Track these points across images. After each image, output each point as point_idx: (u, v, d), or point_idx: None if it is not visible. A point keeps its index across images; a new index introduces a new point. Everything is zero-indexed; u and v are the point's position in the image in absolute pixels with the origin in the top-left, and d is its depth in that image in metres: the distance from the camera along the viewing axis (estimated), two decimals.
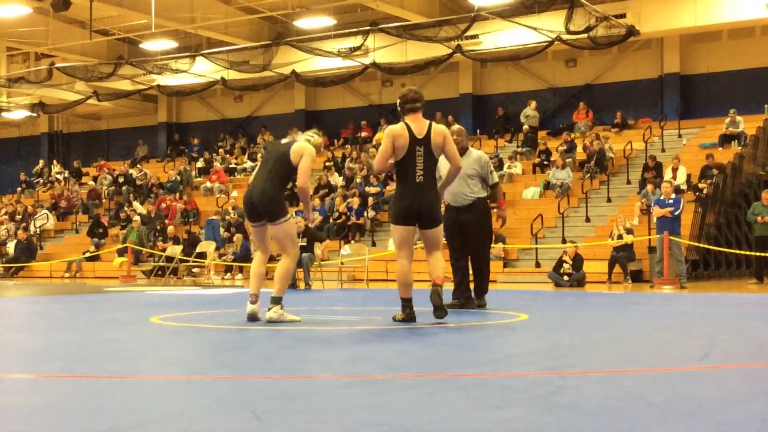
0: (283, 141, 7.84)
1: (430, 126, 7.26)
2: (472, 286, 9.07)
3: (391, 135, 7.19)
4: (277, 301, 7.46)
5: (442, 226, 7.50)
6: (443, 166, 7.88)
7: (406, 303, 7.27)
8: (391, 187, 22.74)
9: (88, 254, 23.54)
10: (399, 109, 7.36)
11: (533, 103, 25.42)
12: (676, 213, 15.40)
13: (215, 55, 23.79)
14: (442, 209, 8.42)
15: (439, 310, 7.23)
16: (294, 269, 7.61)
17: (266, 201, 7.53)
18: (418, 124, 7.22)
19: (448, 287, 8.47)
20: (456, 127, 9.28)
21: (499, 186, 9.46)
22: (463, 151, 8.62)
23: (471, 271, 9.06)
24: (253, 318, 7.46)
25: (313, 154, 7.61)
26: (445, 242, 7.96)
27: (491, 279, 9.56)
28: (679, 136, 23.09)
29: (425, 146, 7.16)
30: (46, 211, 27.35)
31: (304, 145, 7.61)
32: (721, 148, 21.24)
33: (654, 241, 16.11)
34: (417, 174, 7.16)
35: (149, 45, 26.27)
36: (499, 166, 22.71)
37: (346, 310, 8.02)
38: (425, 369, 4.86)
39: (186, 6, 24.10)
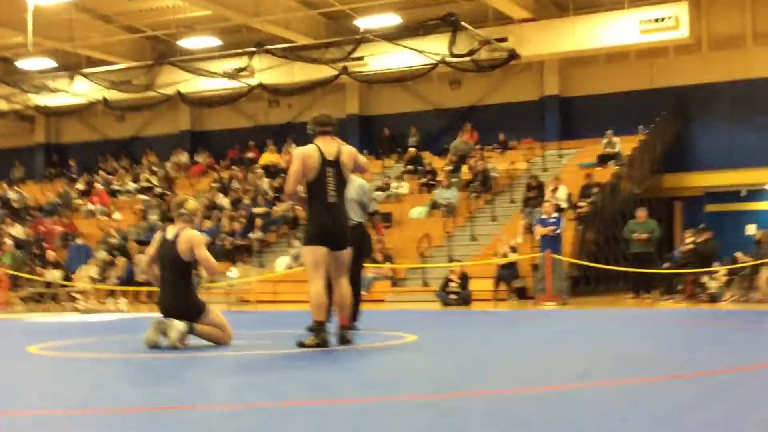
0: (168, 231, 7.69)
1: (339, 147, 7.32)
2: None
3: (301, 156, 7.20)
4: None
5: (350, 249, 7.51)
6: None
7: (321, 327, 7.19)
8: (279, 207, 22.60)
9: None
10: (310, 131, 7.36)
11: (413, 129, 25.97)
12: (557, 231, 15.86)
13: (96, 74, 23.20)
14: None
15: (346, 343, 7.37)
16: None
17: (182, 310, 7.54)
18: (328, 145, 7.26)
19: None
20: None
21: (377, 214, 9.64)
22: None
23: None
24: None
25: (200, 241, 7.70)
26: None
27: (380, 299, 9.59)
28: (560, 156, 23.80)
29: (336, 167, 7.21)
30: None
31: (188, 237, 7.60)
32: (599, 168, 21.98)
33: (537, 258, 16.52)
34: (329, 195, 7.19)
35: (26, 63, 25.40)
36: (386, 186, 22.86)
37: (234, 335, 7.92)
38: (315, 395, 4.83)
39: (64, 24, 23.40)
